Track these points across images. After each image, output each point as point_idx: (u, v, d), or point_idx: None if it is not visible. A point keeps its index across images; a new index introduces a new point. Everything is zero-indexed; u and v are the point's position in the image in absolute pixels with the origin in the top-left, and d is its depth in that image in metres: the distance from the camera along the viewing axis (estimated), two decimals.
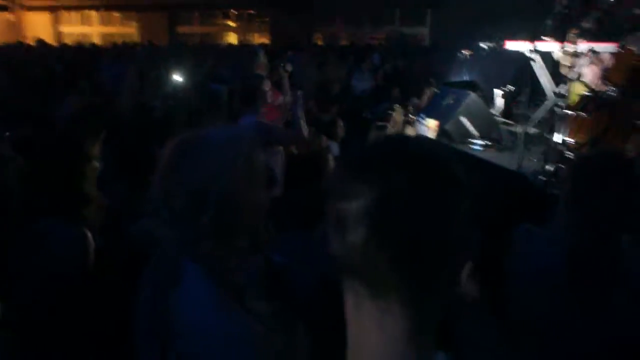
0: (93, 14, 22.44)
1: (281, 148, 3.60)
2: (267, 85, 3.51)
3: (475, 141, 4.55)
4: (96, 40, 20.10)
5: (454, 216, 0.61)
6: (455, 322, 1.09)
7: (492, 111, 6.06)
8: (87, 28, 22.67)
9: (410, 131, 4.61)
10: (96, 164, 1.95)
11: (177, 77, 6.58)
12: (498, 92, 6.29)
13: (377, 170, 0.60)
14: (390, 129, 4.99)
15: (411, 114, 5.41)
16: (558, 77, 4.24)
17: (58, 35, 21.10)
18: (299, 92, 3.61)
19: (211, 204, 1.01)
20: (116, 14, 22.54)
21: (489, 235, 1.53)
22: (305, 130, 3.44)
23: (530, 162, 3.56)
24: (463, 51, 6.57)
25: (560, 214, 1.35)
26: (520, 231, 1.44)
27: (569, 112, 3.36)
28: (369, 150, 0.66)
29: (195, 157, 1.04)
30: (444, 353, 0.62)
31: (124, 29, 22.58)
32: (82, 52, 12.13)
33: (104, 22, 22.81)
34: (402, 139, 0.68)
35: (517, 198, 1.82)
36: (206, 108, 4.48)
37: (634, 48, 3.22)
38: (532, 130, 4.64)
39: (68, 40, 13.89)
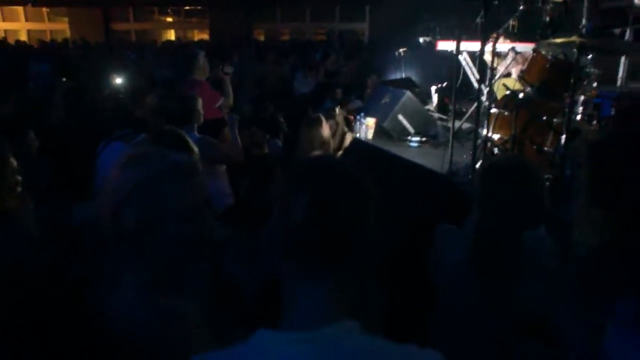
0: (19, 8, 21.10)
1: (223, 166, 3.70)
2: (200, 105, 3.63)
3: (412, 138, 4.76)
4: (23, 37, 18.97)
5: (360, 214, 0.82)
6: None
7: (430, 107, 6.33)
8: (12, 24, 21.30)
9: (349, 132, 4.74)
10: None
11: (117, 80, 6.37)
12: (433, 88, 6.57)
13: (312, 178, 0.83)
14: (332, 127, 5.09)
15: (352, 114, 5.56)
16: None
17: None
18: (234, 115, 3.78)
19: (131, 215, 1.05)
20: (45, 9, 21.31)
21: (414, 233, 1.67)
22: (240, 148, 3.61)
23: (462, 158, 3.76)
24: (399, 50, 6.78)
25: (474, 213, 1.50)
26: (440, 229, 1.58)
27: (493, 109, 3.59)
28: (307, 165, 0.91)
29: (126, 169, 1.09)
30: (354, 320, 0.78)
31: (54, 26, 21.42)
32: (5, 51, 11.39)
33: (32, 17, 21.51)
34: (328, 160, 0.94)
35: (440, 200, 1.97)
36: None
37: (544, 52, 3.48)
38: (466, 125, 4.89)
39: None
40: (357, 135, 4.97)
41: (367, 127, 5.02)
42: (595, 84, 3.60)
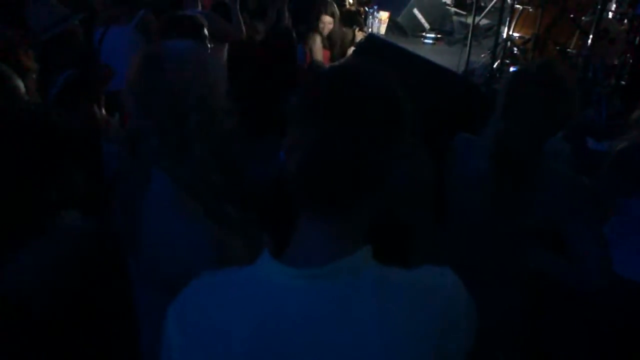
0: None
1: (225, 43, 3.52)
2: None
3: (427, 34, 4.53)
4: None
5: (387, 149, 0.69)
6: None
7: (446, 0, 5.94)
8: None
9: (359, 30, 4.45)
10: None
11: None
12: None
13: (328, 108, 0.67)
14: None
15: (364, 6, 5.23)
16: None
17: None
18: None
19: (193, 108, 1.03)
20: None
21: (431, 144, 1.62)
22: (242, 25, 3.37)
23: (479, 58, 3.60)
24: None
25: (494, 122, 1.44)
26: (458, 140, 1.53)
27: (517, 5, 3.35)
28: (326, 82, 0.71)
29: (169, 67, 1.04)
30: (370, 245, 0.71)
31: None
32: None
33: None
34: (352, 74, 0.72)
35: (457, 104, 1.90)
36: None
37: None
38: (484, 21, 4.62)
39: None
40: (370, 30, 4.72)
41: (379, 21, 4.75)
42: None
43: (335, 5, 4.05)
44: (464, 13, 5.28)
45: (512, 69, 3.08)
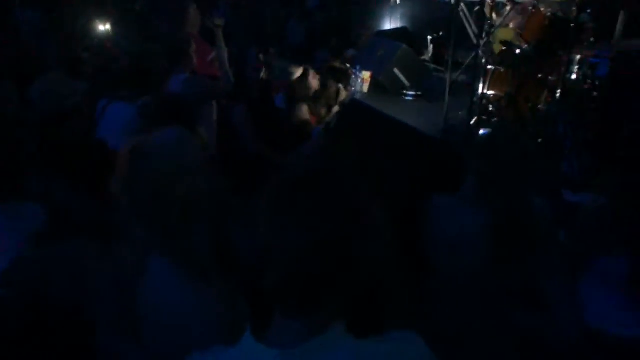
0: None
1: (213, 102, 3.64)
2: (192, 46, 3.56)
3: (407, 92, 4.73)
4: None
5: (356, 248, 0.74)
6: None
7: (425, 57, 6.23)
8: None
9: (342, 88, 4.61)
10: None
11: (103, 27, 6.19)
12: (430, 38, 6.46)
13: (293, 218, 0.73)
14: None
15: (347, 65, 5.45)
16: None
17: None
18: (225, 48, 3.67)
19: (176, 201, 1.10)
20: None
21: (406, 207, 1.70)
22: (230, 80, 3.51)
23: (457, 114, 3.75)
24: None
25: (471, 184, 1.54)
26: (435, 202, 1.62)
27: (489, 65, 3.57)
28: (290, 191, 0.76)
29: (154, 164, 1.11)
30: (344, 320, 0.75)
31: None
32: None
33: None
34: (316, 183, 0.77)
35: (434, 167, 2.01)
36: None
37: (543, 9, 3.43)
38: (461, 77, 4.84)
39: None
40: (353, 88, 4.91)
41: (362, 80, 4.96)
42: (592, 39, 3.57)
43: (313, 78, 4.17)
44: (443, 69, 5.52)
45: (482, 131, 3.23)
